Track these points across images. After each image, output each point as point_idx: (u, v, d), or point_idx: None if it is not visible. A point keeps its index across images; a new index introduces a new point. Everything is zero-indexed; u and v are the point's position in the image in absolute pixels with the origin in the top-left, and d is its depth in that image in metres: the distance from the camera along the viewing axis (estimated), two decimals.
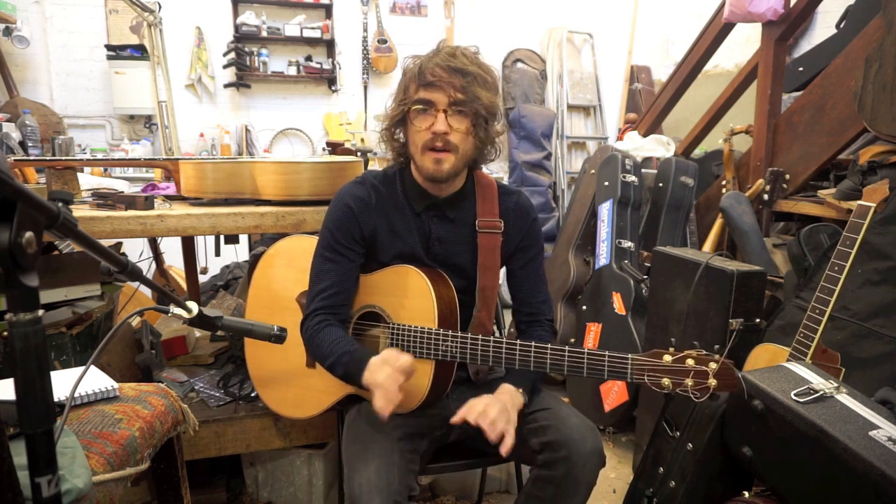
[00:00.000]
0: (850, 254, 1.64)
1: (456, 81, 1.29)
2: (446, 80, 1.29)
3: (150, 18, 3.05)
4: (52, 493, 0.64)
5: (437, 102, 1.31)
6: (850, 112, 2.30)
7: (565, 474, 1.29)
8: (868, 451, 1.15)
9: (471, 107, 1.31)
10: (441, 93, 1.30)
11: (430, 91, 1.31)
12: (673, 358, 1.21)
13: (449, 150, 1.33)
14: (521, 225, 1.50)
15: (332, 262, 1.41)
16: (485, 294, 1.46)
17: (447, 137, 1.31)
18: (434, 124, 1.31)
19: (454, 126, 1.32)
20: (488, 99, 1.33)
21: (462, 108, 1.31)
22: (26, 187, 0.58)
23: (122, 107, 4.39)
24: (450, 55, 1.32)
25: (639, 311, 2.56)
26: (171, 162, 2.04)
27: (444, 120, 1.30)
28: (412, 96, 1.33)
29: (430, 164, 1.34)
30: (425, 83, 1.31)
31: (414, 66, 1.34)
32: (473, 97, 1.31)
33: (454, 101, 1.30)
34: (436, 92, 1.30)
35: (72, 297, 1.70)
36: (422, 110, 1.32)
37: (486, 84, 1.34)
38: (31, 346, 0.60)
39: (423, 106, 1.32)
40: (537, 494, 1.34)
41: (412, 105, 1.32)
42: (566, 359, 1.28)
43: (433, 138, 1.31)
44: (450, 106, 1.31)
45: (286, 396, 1.63)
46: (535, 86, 5.11)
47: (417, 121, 1.33)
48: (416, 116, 1.33)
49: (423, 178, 1.40)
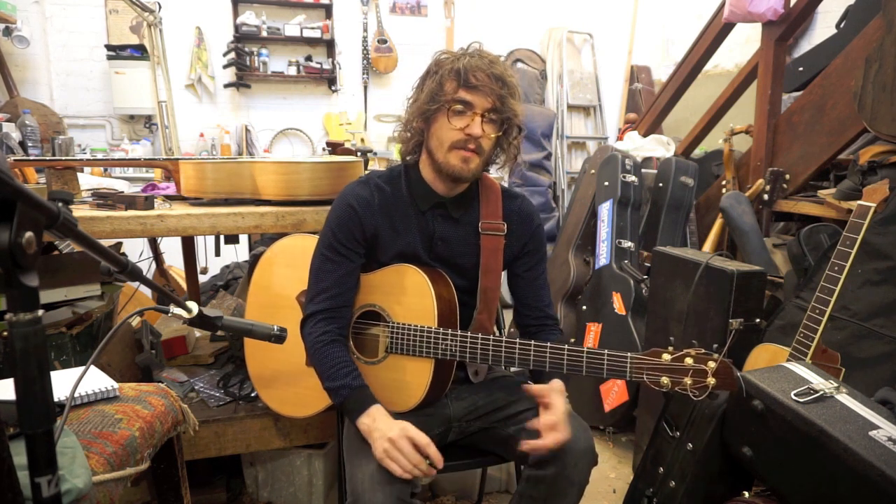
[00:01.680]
0: (850, 254, 1.64)
1: (496, 89, 1.31)
2: (488, 85, 1.31)
3: (150, 18, 3.05)
4: (52, 493, 0.64)
5: (476, 106, 1.32)
6: (850, 112, 2.30)
7: (557, 473, 1.30)
8: (868, 451, 1.15)
9: (505, 117, 1.34)
10: (482, 97, 1.31)
11: (471, 93, 1.31)
12: (672, 357, 1.21)
13: (478, 152, 1.35)
14: (525, 229, 1.50)
15: (332, 262, 1.40)
16: (486, 296, 1.46)
17: (479, 141, 1.33)
18: (470, 126, 1.32)
19: (486, 131, 1.33)
20: (520, 114, 1.37)
21: (497, 116, 1.33)
22: (26, 187, 0.58)
23: (122, 107, 4.39)
24: (491, 62, 1.33)
25: (639, 311, 2.56)
26: (171, 162, 2.04)
27: (480, 124, 1.32)
28: (451, 94, 1.33)
29: (457, 161, 1.34)
30: (468, 85, 1.31)
31: (451, 64, 1.33)
32: (510, 109, 1.34)
33: (493, 108, 1.32)
34: (477, 95, 1.31)
35: (72, 297, 1.70)
36: (460, 111, 1.33)
37: (517, 96, 1.37)
38: (31, 346, 0.59)
39: (462, 107, 1.32)
40: (530, 494, 1.34)
41: (452, 104, 1.33)
42: (565, 357, 1.29)
43: (466, 140, 1.33)
44: (487, 112, 1.32)
45: (286, 395, 1.63)
46: (535, 86, 5.11)
47: (452, 119, 1.33)
48: (452, 115, 1.33)
49: (441, 175, 1.39)
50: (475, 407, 1.47)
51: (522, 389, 1.48)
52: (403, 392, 1.40)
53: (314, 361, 1.39)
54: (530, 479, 1.33)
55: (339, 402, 1.34)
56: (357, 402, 1.31)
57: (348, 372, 1.34)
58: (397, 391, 1.41)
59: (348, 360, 1.36)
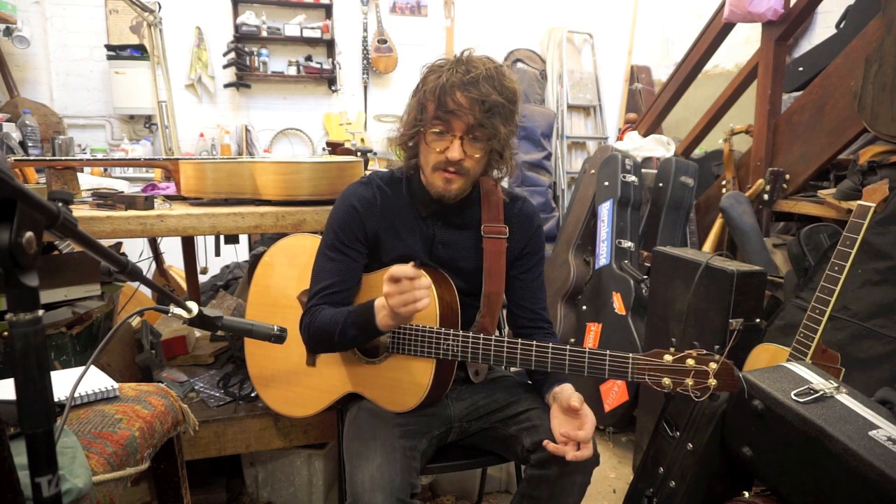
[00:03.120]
0: (850, 254, 1.64)
1: (475, 110, 1.27)
2: (467, 108, 1.27)
3: (150, 18, 3.05)
4: (52, 493, 0.64)
5: (454, 128, 1.29)
6: (850, 112, 2.30)
7: (559, 473, 1.30)
8: (868, 451, 1.15)
9: (487, 137, 1.30)
10: (459, 121, 1.28)
11: (448, 116, 1.29)
12: (673, 358, 1.21)
13: (461, 173, 1.33)
14: (526, 231, 1.50)
15: (334, 261, 1.40)
16: (490, 300, 1.45)
17: (461, 163, 1.32)
18: (449, 150, 1.30)
19: (468, 152, 1.31)
20: (506, 134, 1.32)
21: (478, 139, 1.31)
22: (26, 187, 0.58)
23: (122, 107, 4.40)
24: (472, 82, 1.26)
25: (639, 311, 2.56)
26: (171, 162, 2.04)
27: (460, 147, 1.30)
28: (430, 117, 1.31)
29: (440, 183, 1.34)
30: (445, 108, 1.28)
31: (434, 84, 1.29)
32: (492, 131, 1.29)
33: (470, 130, 1.29)
34: (453, 118, 1.29)
35: (72, 297, 1.70)
36: (438, 133, 1.31)
37: (506, 115, 1.31)
38: (31, 346, 0.59)
39: (440, 129, 1.31)
40: (532, 494, 1.34)
41: (429, 126, 1.31)
42: (567, 358, 1.28)
43: (446, 161, 1.31)
44: (466, 133, 1.30)
45: (286, 395, 1.63)
46: (535, 86, 5.11)
47: (433, 143, 1.32)
48: (431, 139, 1.32)
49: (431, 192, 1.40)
50: (475, 407, 1.47)
51: (525, 391, 1.48)
52: (404, 392, 1.40)
53: (316, 333, 1.38)
54: (532, 480, 1.33)
55: (354, 332, 1.32)
56: (364, 313, 1.30)
57: (343, 311, 1.34)
58: (398, 391, 1.41)
59: (338, 310, 1.36)
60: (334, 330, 1.34)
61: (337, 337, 1.34)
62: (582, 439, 1.24)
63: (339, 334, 1.34)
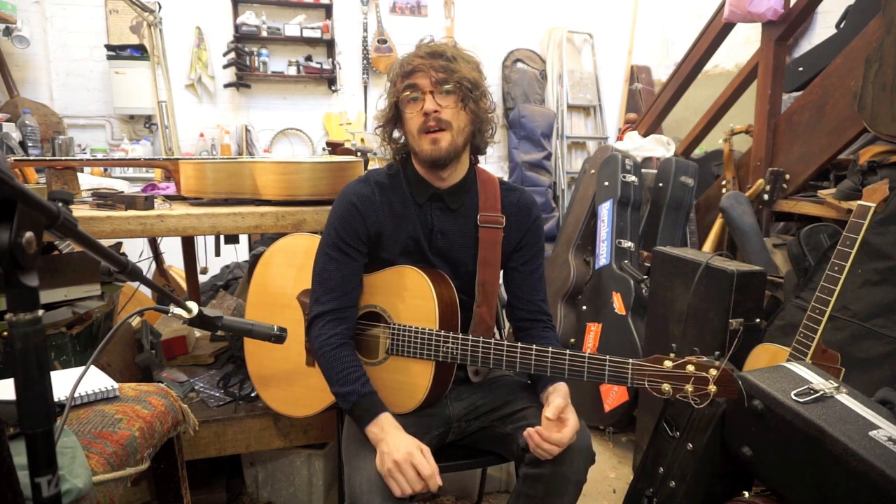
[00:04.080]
0: (850, 254, 1.64)
1: (435, 63, 1.33)
2: (427, 63, 1.33)
3: (150, 18, 3.06)
4: (52, 493, 0.64)
5: (421, 86, 1.34)
6: (850, 112, 2.30)
7: (554, 472, 1.29)
8: (868, 451, 1.15)
9: (454, 82, 1.34)
10: (423, 76, 1.34)
11: (413, 77, 1.34)
12: (673, 364, 1.21)
13: (443, 128, 1.35)
14: (524, 222, 1.49)
15: (336, 261, 1.40)
16: (485, 289, 1.45)
17: (438, 115, 1.34)
18: (423, 105, 1.33)
19: (442, 104, 1.34)
20: (470, 73, 1.36)
21: (446, 85, 1.34)
22: (26, 187, 0.58)
23: (122, 107, 4.40)
24: (429, 48, 1.37)
25: (639, 311, 2.56)
26: (171, 162, 2.04)
27: (433, 99, 1.33)
28: (399, 88, 1.37)
29: (427, 145, 1.35)
30: (407, 72, 1.35)
31: (398, 64, 1.39)
32: (454, 72, 1.34)
33: (437, 80, 1.33)
34: (418, 77, 1.34)
35: (72, 297, 1.70)
36: (410, 98, 1.35)
37: (467, 61, 1.38)
38: (31, 346, 0.59)
39: (409, 92, 1.35)
40: (527, 493, 1.34)
41: (400, 94, 1.36)
42: (567, 363, 1.28)
43: (426, 119, 1.34)
44: (434, 86, 1.34)
45: (286, 395, 1.63)
46: (535, 86, 5.11)
47: (408, 108, 1.36)
48: (406, 105, 1.36)
49: (424, 164, 1.40)
50: (474, 406, 1.47)
51: (522, 390, 1.48)
52: (404, 393, 1.40)
53: (322, 364, 1.39)
54: (527, 478, 1.33)
55: (348, 407, 1.33)
56: (366, 409, 1.31)
57: (357, 377, 1.34)
58: (398, 392, 1.41)
59: (357, 365, 1.36)
60: (334, 384, 1.36)
61: (333, 388, 1.36)
62: (555, 442, 1.24)
63: (335, 391, 1.36)
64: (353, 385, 1.32)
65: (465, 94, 1.35)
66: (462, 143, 1.39)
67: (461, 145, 1.39)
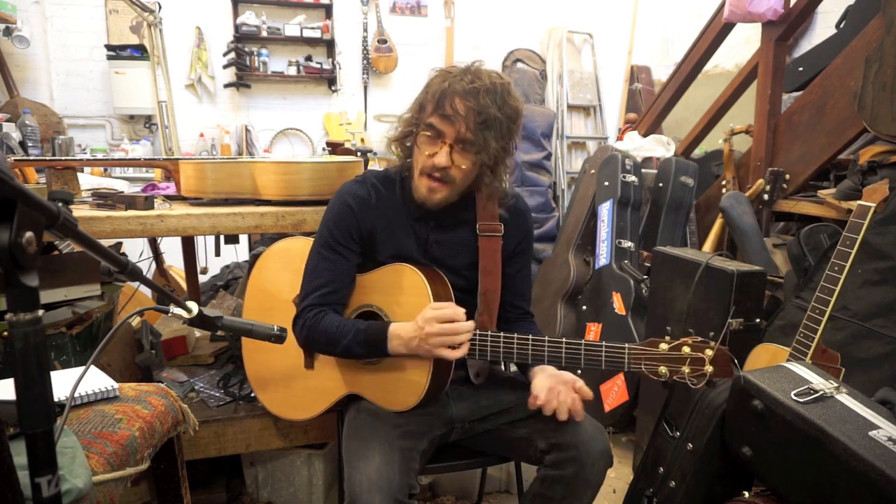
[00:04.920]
0: (850, 254, 1.64)
1: (471, 120, 1.26)
2: (461, 116, 1.26)
3: (150, 18, 3.06)
4: (52, 493, 0.64)
5: (446, 135, 1.29)
6: (850, 112, 2.30)
7: (575, 474, 1.30)
8: (868, 451, 1.15)
9: (477, 149, 1.29)
10: (452, 126, 1.28)
11: (443, 121, 1.28)
12: (669, 346, 1.22)
13: (445, 182, 1.33)
14: (521, 229, 1.50)
15: (328, 260, 1.40)
16: (487, 297, 1.45)
17: (448, 171, 1.31)
18: (437, 155, 1.30)
19: (457, 161, 1.30)
20: (498, 150, 1.31)
21: (470, 147, 1.29)
22: (26, 187, 0.58)
23: (122, 107, 4.40)
24: (473, 92, 1.26)
25: (639, 311, 2.56)
26: (171, 162, 2.04)
27: (448, 154, 1.29)
28: (425, 119, 1.31)
29: (423, 190, 1.35)
30: (442, 112, 1.28)
31: (438, 87, 1.29)
32: (483, 144, 1.28)
33: (462, 139, 1.29)
34: (448, 124, 1.28)
35: (72, 297, 1.70)
36: (430, 137, 1.31)
37: (502, 132, 1.30)
38: (31, 346, 0.60)
39: (431, 133, 1.31)
40: (545, 494, 1.34)
41: (422, 129, 1.32)
42: (563, 351, 1.29)
43: (432, 166, 1.31)
44: (457, 142, 1.29)
45: (285, 398, 1.63)
46: (535, 86, 5.11)
47: (423, 145, 1.32)
48: (423, 140, 1.32)
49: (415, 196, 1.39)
50: (479, 407, 1.47)
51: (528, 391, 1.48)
52: (403, 391, 1.40)
53: (317, 338, 1.38)
54: (546, 480, 1.33)
55: (361, 351, 1.34)
56: (375, 337, 1.32)
57: (351, 325, 1.35)
58: (397, 391, 1.41)
59: (345, 320, 1.37)
60: (339, 341, 1.35)
61: (340, 349, 1.36)
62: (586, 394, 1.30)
63: (343, 347, 1.35)
64: (350, 333, 1.34)
65: (482, 164, 1.33)
66: (457, 196, 1.38)
67: (457, 196, 1.39)
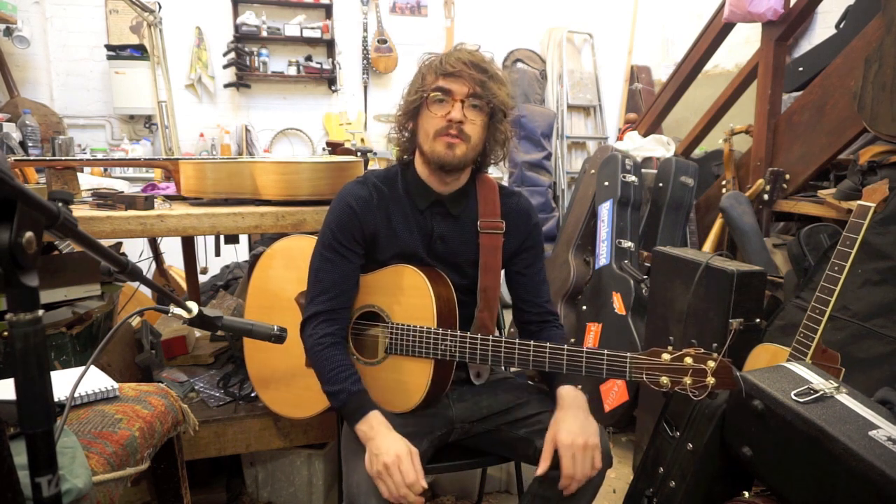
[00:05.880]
0: (850, 254, 1.64)
1: (476, 75, 1.32)
2: (466, 72, 1.32)
3: (150, 18, 3.06)
4: (52, 493, 0.64)
5: (455, 92, 1.32)
6: (850, 112, 2.30)
7: None
8: (868, 451, 1.15)
9: (488, 102, 1.34)
10: (461, 83, 1.32)
11: (449, 81, 1.33)
12: (671, 356, 1.21)
13: (462, 138, 1.34)
14: (523, 227, 1.50)
15: (332, 262, 1.40)
16: (486, 294, 1.46)
17: (462, 126, 1.33)
18: (451, 112, 1.32)
19: (469, 117, 1.34)
20: (504, 97, 1.36)
21: (479, 101, 1.33)
22: (26, 187, 0.58)
23: (122, 107, 4.40)
24: (469, 52, 1.36)
25: (639, 311, 2.55)
26: (171, 162, 2.04)
27: (461, 109, 1.32)
28: (430, 84, 1.34)
29: (442, 147, 1.34)
30: (445, 73, 1.33)
31: (434, 58, 1.37)
32: (492, 93, 1.33)
33: (472, 94, 1.32)
34: (455, 82, 1.32)
35: (72, 297, 1.70)
36: (439, 99, 1.33)
37: (502, 83, 1.37)
38: (31, 346, 0.59)
39: (441, 94, 1.33)
40: (544, 494, 1.34)
41: (431, 92, 1.34)
42: (565, 357, 1.28)
43: (448, 125, 1.33)
44: (468, 97, 1.32)
45: (286, 396, 1.63)
46: (535, 86, 5.11)
47: (434, 108, 1.34)
48: (432, 104, 1.34)
49: (431, 166, 1.40)
50: (478, 407, 1.47)
51: (533, 394, 1.48)
52: (403, 393, 1.40)
53: (314, 364, 1.39)
54: (546, 479, 1.33)
55: (338, 405, 1.34)
56: (355, 407, 1.31)
57: (347, 376, 1.34)
58: (397, 392, 1.41)
59: (348, 364, 1.36)
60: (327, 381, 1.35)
61: (324, 388, 1.36)
62: None
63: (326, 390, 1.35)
64: (343, 384, 1.32)
65: (493, 116, 1.37)
66: (472, 158, 1.40)
67: (471, 159, 1.40)
